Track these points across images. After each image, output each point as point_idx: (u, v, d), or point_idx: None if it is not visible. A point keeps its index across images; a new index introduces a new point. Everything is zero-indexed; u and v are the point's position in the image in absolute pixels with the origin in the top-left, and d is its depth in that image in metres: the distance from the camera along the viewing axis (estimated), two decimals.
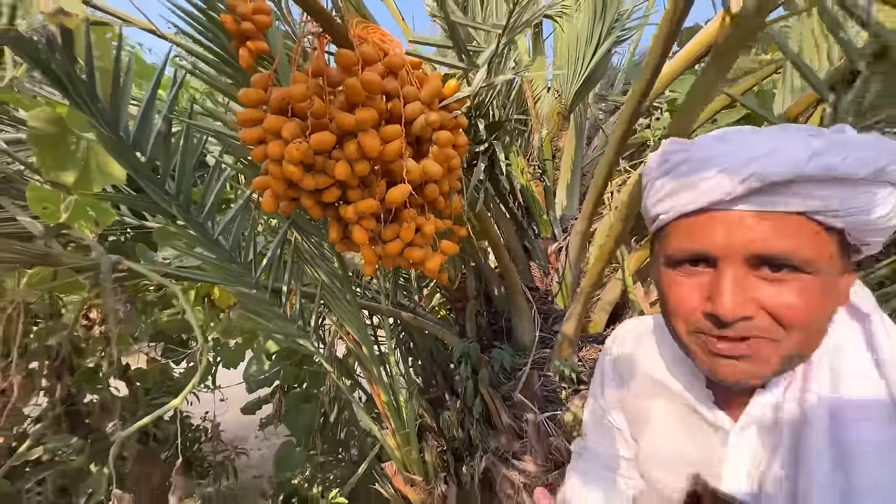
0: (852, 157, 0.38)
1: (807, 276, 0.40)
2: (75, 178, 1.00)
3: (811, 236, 0.41)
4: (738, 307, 0.41)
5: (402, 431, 1.26)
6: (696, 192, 0.43)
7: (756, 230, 0.41)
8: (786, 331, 0.42)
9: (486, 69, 0.78)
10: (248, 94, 0.64)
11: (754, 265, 0.42)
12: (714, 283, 0.42)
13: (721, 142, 0.44)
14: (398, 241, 0.73)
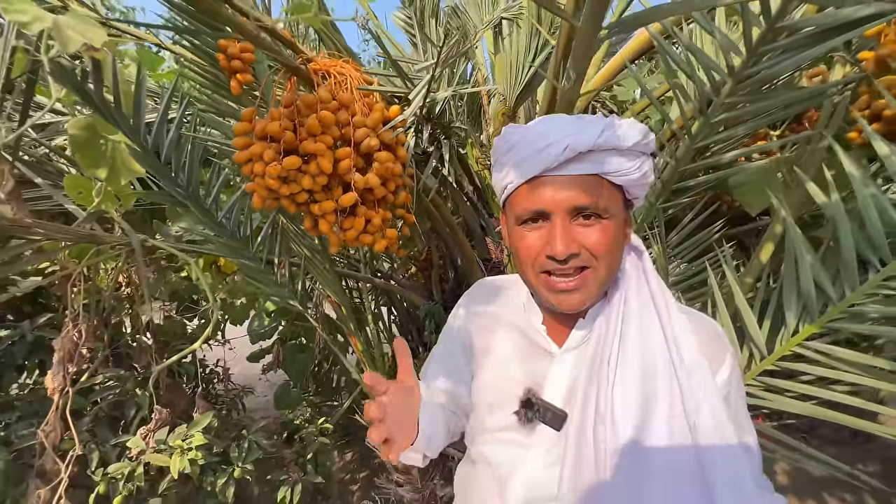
0: (622, 134, 0.56)
1: (605, 221, 0.58)
2: (107, 174, 1.25)
3: (606, 191, 0.58)
4: (567, 247, 0.56)
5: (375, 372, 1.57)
6: (531, 164, 0.58)
7: (572, 190, 0.57)
8: (597, 260, 0.58)
9: (421, 97, 1.01)
10: (239, 126, 0.88)
11: (573, 215, 0.58)
12: (550, 233, 0.58)
13: (544, 125, 0.60)
14: (353, 229, 0.99)
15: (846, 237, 0.73)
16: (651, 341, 0.61)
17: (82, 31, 0.92)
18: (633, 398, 0.58)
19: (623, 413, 0.57)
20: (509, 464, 0.67)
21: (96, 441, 1.12)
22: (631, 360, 0.60)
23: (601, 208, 0.58)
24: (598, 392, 0.60)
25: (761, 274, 1.01)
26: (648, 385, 0.59)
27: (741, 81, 0.82)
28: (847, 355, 0.79)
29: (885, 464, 3.12)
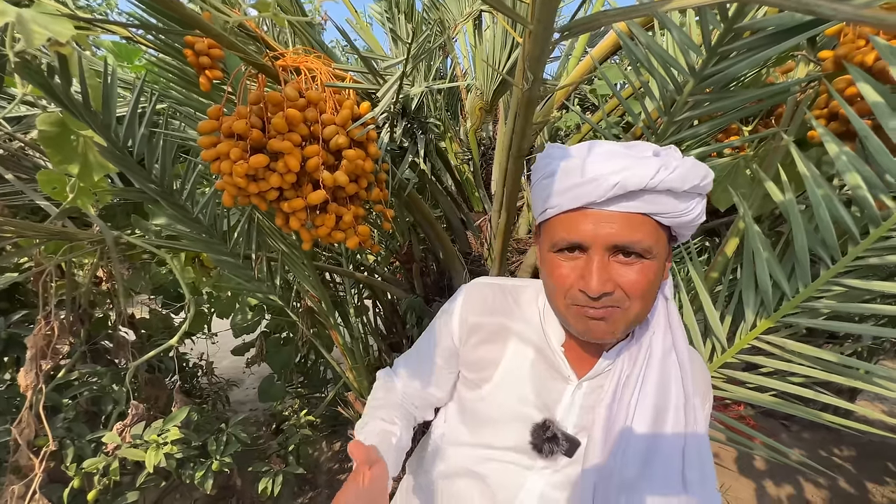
0: (678, 176, 0.52)
1: (646, 262, 0.55)
2: (79, 170, 1.24)
3: (651, 231, 0.54)
4: (602, 286, 0.54)
5: (356, 366, 1.59)
6: (574, 195, 0.55)
7: (615, 226, 0.53)
8: (630, 301, 0.56)
9: (391, 95, 1.01)
10: (205, 124, 0.88)
11: (613, 252, 0.55)
12: (585, 266, 0.55)
13: (594, 155, 0.55)
14: (325, 226, 0.99)
15: (799, 235, 0.75)
16: (668, 391, 0.62)
17: (48, 25, 0.91)
18: (644, 437, 0.60)
19: (634, 449, 0.60)
20: (514, 486, 0.67)
21: (72, 437, 1.13)
22: (648, 402, 0.61)
23: (644, 248, 0.54)
24: (612, 427, 0.61)
25: (726, 269, 1.03)
26: (657, 427, 0.61)
27: (703, 80, 0.83)
28: (799, 348, 0.81)
29: (857, 448, 3.23)
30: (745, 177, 1.13)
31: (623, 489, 0.59)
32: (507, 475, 0.67)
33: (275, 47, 1.02)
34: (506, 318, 0.72)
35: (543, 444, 0.64)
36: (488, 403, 0.70)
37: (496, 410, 0.69)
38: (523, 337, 0.70)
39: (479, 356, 0.72)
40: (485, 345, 0.72)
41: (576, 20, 0.55)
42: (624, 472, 0.59)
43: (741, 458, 3.04)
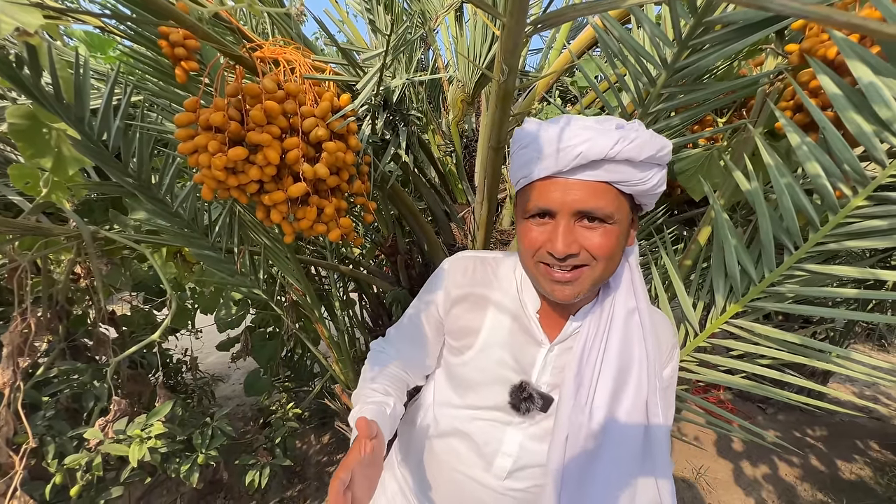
0: (636, 146, 0.57)
1: (609, 226, 0.60)
2: (52, 164, 1.21)
3: (612, 198, 0.60)
4: (567, 247, 0.60)
5: (341, 358, 1.60)
6: (543, 164, 0.60)
7: (579, 193, 0.59)
8: (595, 261, 0.61)
9: (371, 87, 1.01)
10: (181, 117, 0.87)
11: (578, 218, 0.61)
12: (553, 231, 0.61)
13: (562, 127, 0.60)
14: (306, 219, 1.00)
15: (764, 222, 0.78)
16: (631, 348, 0.69)
17: (15, 14, 0.88)
18: (608, 393, 0.67)
19: (600, 404, 0.67)
20: (496, 440, 0.74)
21: (53, 434, 1.12)
22: (612, 360, 0.68)
23: (606, 214, 0.60)
24: (580, 385, 0.68)
25: (699, 256, 1.07)
26: (620, 382, 0.68)
27: (676, 73, 0.85)
28: (765, 331, 0.85)
29: (829, 427, 3.37)
30: (717, 167, 1.16)
31: (590, 438, 0.67)
32: (491, 431, 0.75)
33: (253, 39, 1.01)
34: (485, 289, 0.78)
35: (521, 403, 0.72)
36: (471, 368, 0.77)
37: (479, 374, 0.76)
38: (501, 306, 0.76)
39: (461, 325, 0.78)
40: (467, 314, 0.78)
41: (546, 14, 0.56)
42: (591, 425, 0.66)
43: (719, 441, 3.15)
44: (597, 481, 0.67)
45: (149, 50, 1.02)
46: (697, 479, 2.69)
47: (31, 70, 1.01)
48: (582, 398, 0.68)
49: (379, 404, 0.79)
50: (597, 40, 1.41)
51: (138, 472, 1.20)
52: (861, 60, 0.66)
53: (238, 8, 1.15)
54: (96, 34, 1.84)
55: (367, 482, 0.63)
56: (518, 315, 0.75)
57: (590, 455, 0.67)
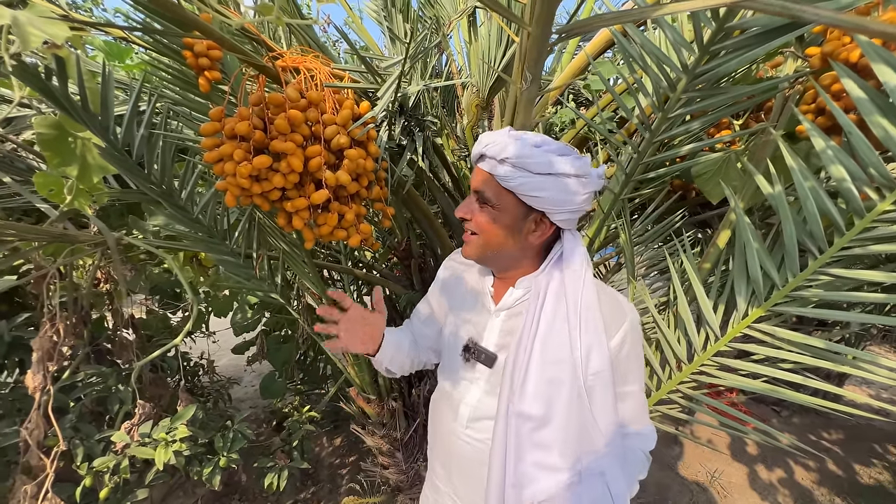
0: (498, 147, 0.73)
1: (491, 209, 0.78)
2: (77, 172, 1.24)
3: (493, 186, 0.77)
4: (461, 212, 0.82)
5: (357, 362, 1.61)
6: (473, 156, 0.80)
7: (475, 176, 0.80)
8: (479, 233, 0.81)
9: (390, 94, 1.02)
10: (207, 127, 0.88)
11: (476, 196, 0.80)
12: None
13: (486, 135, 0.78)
14: (327, 225, 1.01)
15: (788, 226, 0.78)
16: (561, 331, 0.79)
17: (43, 26, 0.91)
18: (544, 370, 0.78)
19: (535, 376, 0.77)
20: (459, 393, 0.90)
21: (81, 437, 1.14)
22: (546, 327, 0.79)
23: (488, 197, 0.78)
24: (518, 348, 0.79)
25: (719, 260, 1.06)
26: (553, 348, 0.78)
27: (696, 78, 0.85)
28: (789, 336, 0.85)
29: (846, 430, 3.32)
30: (736, 170, 1.16)
31: (528, 398, 0.77)
32: (460, 387, 0.90)
33: (273, 48, 1.03)
34: (463, 275, 0.98)
35: (468, 355, 0.88)
36: (448, 338, 0.96)
37: (450, 341, 0.94)
38: (469, 285, 0.95)
39: (448, 305, 0.99)
40: (451, 295, 0.99)
41: (574, 23, 0.57)
42: (526, 385, 0.77)
43: (734, 444, 3.12)
44: (533, 441, 0.77)
45: (172, 60, 1.04)
46: (712, 483, 2.66)
47: (60, 81, 1.03)
48: (520, 365, 0.78)
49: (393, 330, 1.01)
50: (610, 43, 1.42)
51: (162, 474, 1.22)
52: (886, 64, 0.66)
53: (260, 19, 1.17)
54: (115, 44, 1.88)
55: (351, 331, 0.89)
56: (480, 290, 0.92)
57: (528, 415, 0.77)
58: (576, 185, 0.74)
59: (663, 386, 1.09)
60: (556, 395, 0.76)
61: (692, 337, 1.00)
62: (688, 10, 0.45)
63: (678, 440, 3.16)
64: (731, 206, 1.01)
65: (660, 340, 1.09)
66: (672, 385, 1.07)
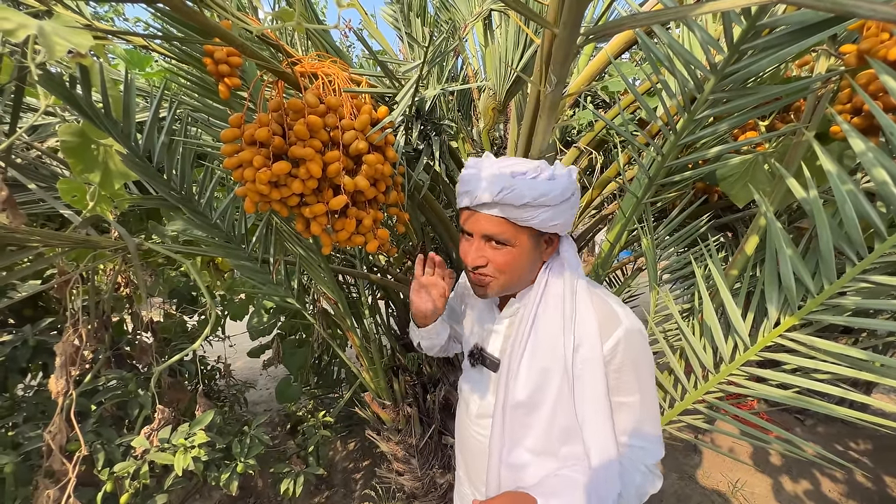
0: (516, 194, 0.73)
1: (511, 248, 0.79)
2: (100, 178, 1.25)
3: (508, 227, 0.77)
4: (475, 262, 0.80)
5: (372, 367, 1.60)
6: (463, 199, 0.81)
7: (483, 223, 0.78)
8: (499, 273, 0.80)
9: (408, 98, 1.01)
10: (226, 133, 0.89)
11: (487, 239, 0.80)
12: (469, 247, 0.82)
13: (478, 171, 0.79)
14: (345, 231, 1.00)
15: (824, 232, 0.75)
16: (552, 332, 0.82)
17: (67, 36, 0.92)
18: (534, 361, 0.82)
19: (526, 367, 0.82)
20: (470, 390, 0.97)
21: (101, 441, 1.15)
22: (540, 332, 0.83)
23: (505, 239, 0.78)
24: (513, 351, 0.84)
25: (746, 266, 1.03)
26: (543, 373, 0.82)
27: (724, 78, 0.83)
28: (825, 345, 0.81)
29: (875, 441, 3.20)
30: (763, 173, 1.12)
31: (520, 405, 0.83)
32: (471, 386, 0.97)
33: (291, 54, 1.03)
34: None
35: (473, 360, 0.95)
36: (463, 341, 1.04)
37: (465, 345, 1.01)
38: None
39: (465, 310, 1.06)
40: (467, 302, 1.05)
41: (605, 24, 0.55)
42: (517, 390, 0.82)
43: (756, 453, 3.03)
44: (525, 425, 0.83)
45: (193, 67, 1.05)
46: (734, 494, 2.59)
47: (83, 89, 1.05)
48: (514, 362, 0.83)
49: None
50: (629, 44, 1.39)
51: (181, 479, 1.23)
52: None
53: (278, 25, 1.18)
54: (135, 52, 1.92)
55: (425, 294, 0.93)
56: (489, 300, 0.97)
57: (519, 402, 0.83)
58: (577, 197, 0.80)
59: (688, 396, 1.06)
60: (545, 382, 0.81)
61: (720, 346, 0.97)
62: (728, 7, 0.43)
63: (698, 449, 3.08)
64: (760, 211, 0.98)
65: (685, 349, 1.05)
66: (698, 395, 1.04)
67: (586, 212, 1.75)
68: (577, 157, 1.66)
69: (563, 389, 0.80)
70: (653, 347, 1.25)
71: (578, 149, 1.62)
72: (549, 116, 0.80)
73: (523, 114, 1.53)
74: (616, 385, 0.80)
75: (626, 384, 0.80)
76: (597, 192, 1.53)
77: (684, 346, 1.05)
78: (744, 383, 0.94)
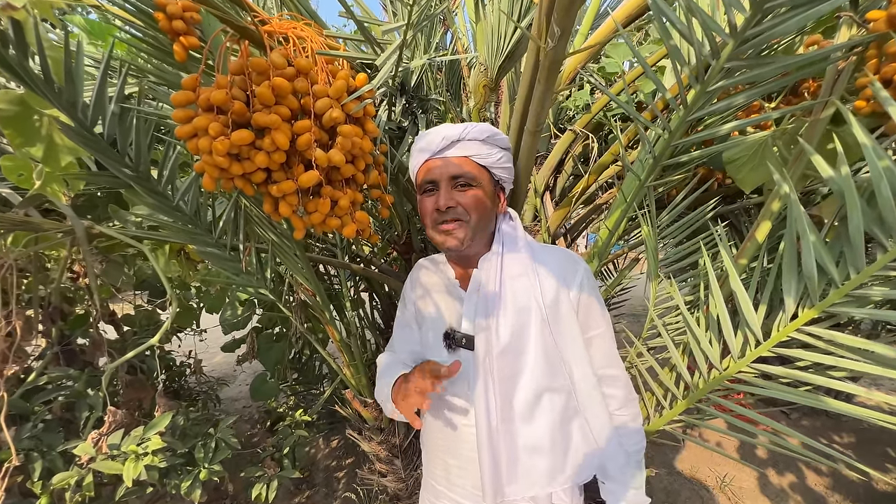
0: (479, 129, 0.85)
1: (475, 188, 0.85)
2: (43, 153, 1.12)
3: (472, 166, 0.86)
4: (447, 202, 0.84)
5: (353, 363, 1.50)
6: (425, 151, 0.87)
7: (450, 165, 0.85)
8: (469, 214, 0.84)
9: (391, 64, 0.91)
10: (178, 96, 0.77)
11: (453, 184, 0.85)
12: (437, 195, 0.85)
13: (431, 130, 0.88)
14: (318, 212, 0.89)
15: (855, 214, 0.67)
16: (522, 282, 0.86)
17: None
18: (511, 315, 0.84)
19: (504, 329, 0.83)
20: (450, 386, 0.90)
21: (41, 448, 1.03)
22: (508, 290, 0.86)
23: (470, 177, 0.85)
24: (487, 317, 0.84)
25: (756, 255, 0.95)
26: (520, 305, 0.85)
27: (743, 43, 0.74)
28: (848, 340, 0.74)
29: (858, 434, 3.23)
30: (773, 156, 1.05)
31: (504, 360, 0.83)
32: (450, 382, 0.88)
33: (258, 12, 0.91)
34: (429, 279, 1.01)
35: (450, 342, 0.91)
36: (428, 338, 0.97)
37: (431, 340, 0.95)
38: (439, 286, 0.98)
39: (421, 311, 1.01)
40: (421, 302, 1.01)
41: None
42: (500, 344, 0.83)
43: (743, 447, 3.02)
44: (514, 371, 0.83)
45: (146, 26, 0.92)
46: (722, 489, 2.57)
47: (18, 50, 0.92)
48: (491, 324, 0.84)
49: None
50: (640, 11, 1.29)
51: (136, 489, 1.11)
52: None
53: None
54: (96, 21, 1.75)
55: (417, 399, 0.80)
56: (448, 285, 0.96)
57: (504, 347, 0.83)
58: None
59: (692, 394, 0.98)
60: (525, 321, 0.83)
61: (729, 340, 0.89)
62: None
63: (685, 443, 3.06)
64: (773, 195, 0.90)
65: (689, 343, 0.98)
66: (703, 392, 0.96)
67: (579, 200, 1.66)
68: (571, 142, 1.57)
69: (544, 331, 0.83)
70: (654, 342, 1.17)
71: (574, 132, 1.53)
72: (549, 80, 0.70)
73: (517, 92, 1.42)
74: (585, 321, 0.87)
75: (592, 318, 0.88)
76: (592, 179, 1.44)
77: (688, 340, 0.97)
78: (756, 382, 0.87)
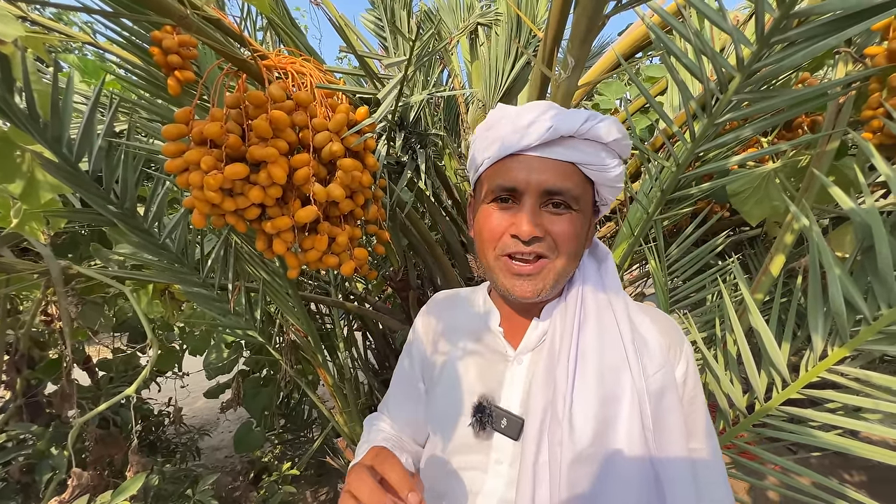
0: (604, 126, 0.54)
1: (574, 213, 0.56)
2: (22, 189, 1.06)
3: (579, 181, 0.56)
4: (533, 229, 0.54)
5: (347, 409, 1.40)
6: (511, 140, 0.55)
7: (547, 173, 0.54)
8: (558, 250, 0.56)
9: (392, 98, 0.89)
10: (170, 129, 0.73)
11: (544, 201, 0.56)
12: (517, 214, 0.56)
13: (529, 107, 0.58)
14: (315, 250, 0.84)
15: (882, 247, 0.64)
16: (611, 341, 0.57)
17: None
18: (593, 398, 0.54)
19: (584, 413, 0.53)
20: (467, 487, 0.60)
21: None
22: (590, 358, 0.56)
23: (572, 197, 0.55)
24: (555, 392, 0.55)
25: (771, 290, 0.92)
26: (608, 386, 0.54)
27: (750, 76, 0.73)
28: (885, 381, 0.69)
29: (867, 472, 3.11)
30: (776, 189, 1.04)
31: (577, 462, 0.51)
32: (468, 480, 0.61)
33: (257, 48, 0.89)
34: (453, 318, 0.72)
35: (482, 419, 0.59)
36: (440, 402, 0.67)
37: (446, 406, 0.65)
38: (465, 330, 0.69)
39: (435, 360, 0.71)
40: (438, 347, 0.71)
41: None
42: (574, 441, 0.52)
43: (753, 490, 2.89)
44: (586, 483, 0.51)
45: (139, 57, 0.90)
46: None
47: (3, 83, 0.88)
48: (558, 407, 0.54)
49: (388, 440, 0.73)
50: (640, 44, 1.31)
51: None
52: None
53: (245, 17, 1.05)
54: (89, 60, 1.75)
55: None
56: (481, 333, 0.67)
57: (583, 477, 0.52)
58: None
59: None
60: (613, 416, 0.53)
61: (753, 380, 0.84)
62: None
63: None
64: (786, 228, 0.88)
65: (709, 385, 0.92)
66: (727, 439, 0.90)
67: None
68: None
69: (645, 436, 0.53)
70: None
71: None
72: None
73: None
74: (690, 426, 0.58)
75: (697, 422, 0.59)
76: None
77: (709, 381, 0.92)
78: (784, 426, 0.81)
